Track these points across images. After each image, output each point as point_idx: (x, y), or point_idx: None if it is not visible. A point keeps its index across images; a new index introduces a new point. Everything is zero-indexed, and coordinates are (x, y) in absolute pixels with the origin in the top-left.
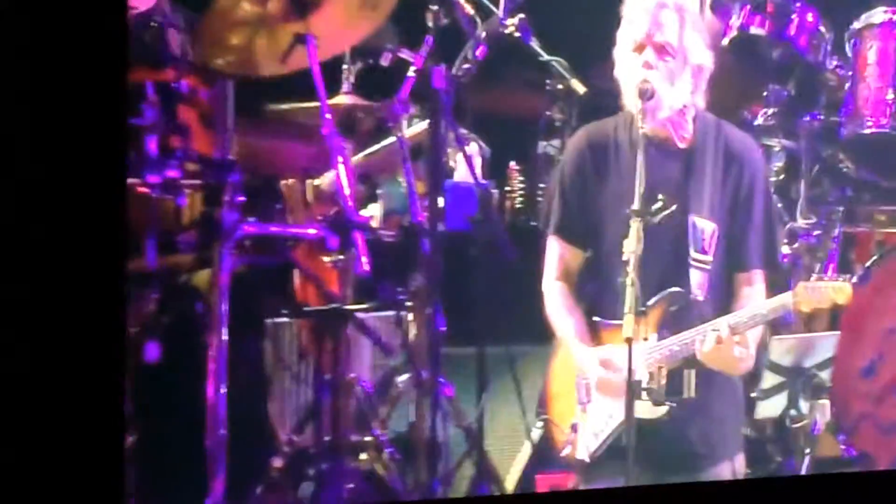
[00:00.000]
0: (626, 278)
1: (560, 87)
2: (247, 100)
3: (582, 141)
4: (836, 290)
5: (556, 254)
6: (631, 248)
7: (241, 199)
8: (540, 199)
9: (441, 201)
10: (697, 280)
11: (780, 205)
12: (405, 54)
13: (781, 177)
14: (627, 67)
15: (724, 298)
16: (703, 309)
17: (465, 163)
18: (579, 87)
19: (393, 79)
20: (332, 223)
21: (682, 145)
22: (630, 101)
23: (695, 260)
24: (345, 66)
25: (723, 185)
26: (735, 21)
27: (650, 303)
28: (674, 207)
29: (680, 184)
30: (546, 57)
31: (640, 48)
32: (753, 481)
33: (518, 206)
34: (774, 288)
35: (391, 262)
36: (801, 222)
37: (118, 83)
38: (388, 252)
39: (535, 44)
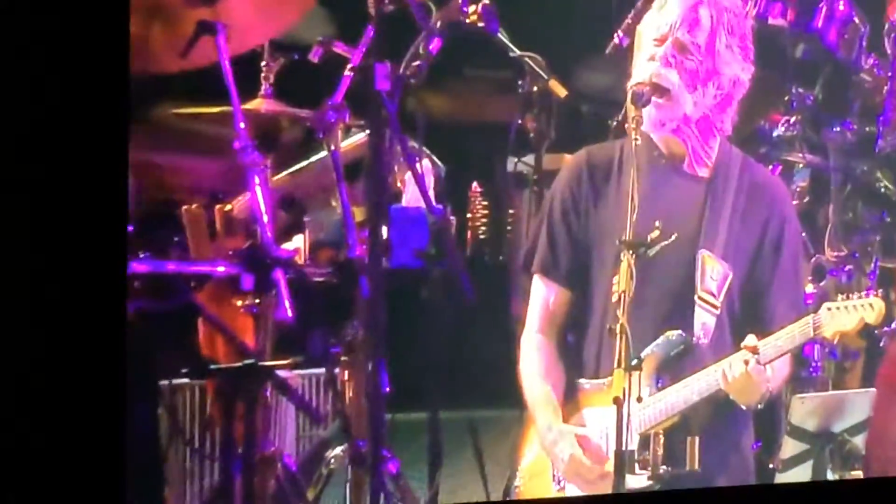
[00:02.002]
0: (615, 325)
1: (535, 89)
2: (139, 103)
3: (580, 162)
4: (864, 307)
5: (540, 297)
6: (621, 286)
7: (129, 228)
8: (509, 228)
9: (385, 231)
10: (703, 321)
11: (803, 234)
12: (340, 48)
13: (805, 199)
14: (643, 58)
15: (733, 351)
16: (706, 356)
17: (416, 183)
18: (559, 90)
19: (324, 79)
20: (247, 259)
21: (700, 172)
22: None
23: (701, 299)
24: (263, 63)
25: (743, 226)
26: (750, 9)
27: (645, 353)
28: (673, 238)
29: (693, 215)
30: (517, 52)
31: (661, 40)
32: (756, 488)
33: (481, 236)
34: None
35: (321, 306)
36: (829, 255)
37: (120, 83)
38: (318, 294)
39: (503, 35)
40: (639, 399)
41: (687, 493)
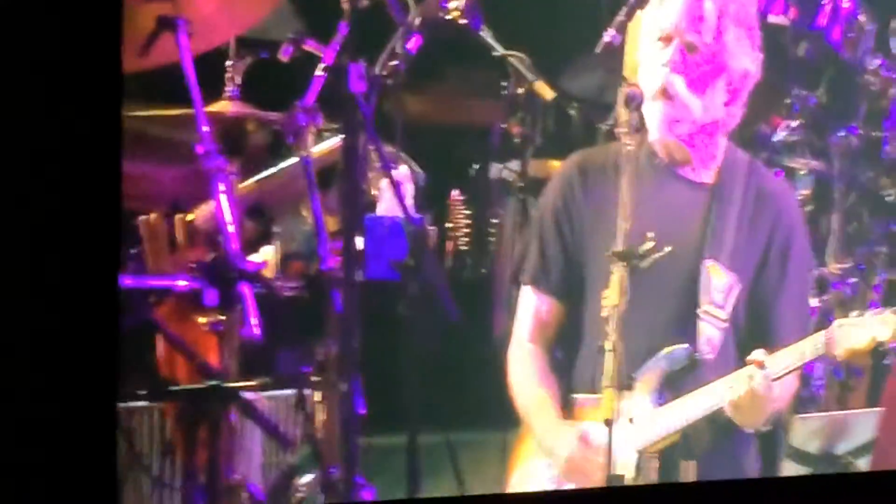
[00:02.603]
0: (605, 342)
1: (520, 91)
2: None
3: (572, 168)
4: (878, 324)
5: (530, 308)
6: (612, 301)
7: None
8: (492, 238)
9: (359, 242)
10: (707, 336)
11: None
12: (311, 46)
13: (808, 208)
14: (646, 58)
15: (739, 366)
16: (712, 373)
17: (393, 191)
18: (546, 92)
19: (295, 79)
20: (210, 272)
21: (704, 177)
22: (653, 104)
23: (705, 312)
24: (229, 63)
25: (749, 235)
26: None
27: (646, 367)
28: (667, 250)
29: (697, 223)
30: (502, 51)
31: (666, 39)
32: (754, 481)
33: (462, 247)
34: None
35: (291, 323)
36: (832, 267)
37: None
38: (288, 310)
39: (486, 33)
40: (630, 420)
41: (687, 485)
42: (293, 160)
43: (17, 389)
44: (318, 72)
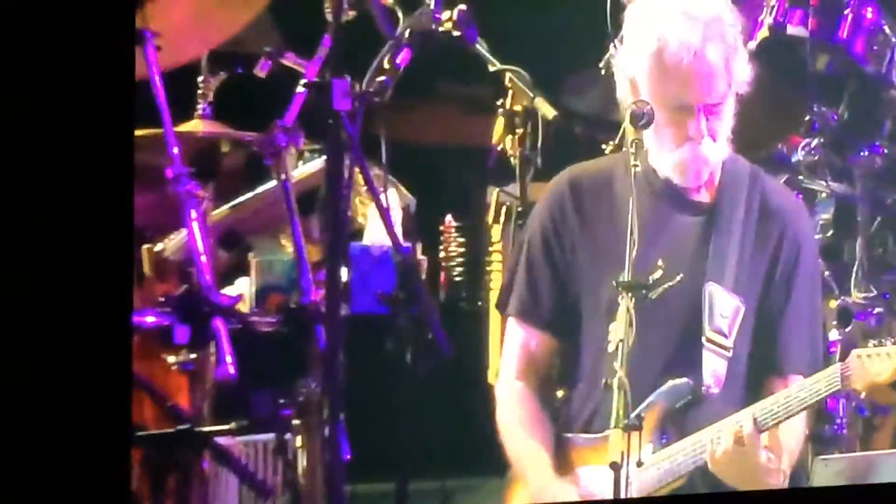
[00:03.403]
0: (612, 378)
1: (518, 108)
2: None
3: (562, 185)
4: None
5: (518, 343)
6: (619, 334)
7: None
8: (489, 268)
9: (344, 273)
10: (713, 367)
11: (827, 272)
12: (291, 61)
13: (829, 233)
14: (656, 131)
15: (751, 398)
16: (718, 408)
17: (380, 217)
18: (547, 110)
19: (273, 97)
20: (181, 307)
21: (704, 197)
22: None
23: (710, 341)
24: (201, 79)
25: (755, 252)
26: (766, 16)
27: (647, 403)
28: (679, 278)
29: (697, 245)
30: (499, 66)
31: (681, 112)
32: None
33: (456, 278)
34: None
35: (270, 361)
36: (856, 296)
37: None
38: (266, 347)
39: (482, 46)
40: (639, 463)
41: (689, 498)
42: (271, 184)
43: (18, 391)
44: (299, 88)
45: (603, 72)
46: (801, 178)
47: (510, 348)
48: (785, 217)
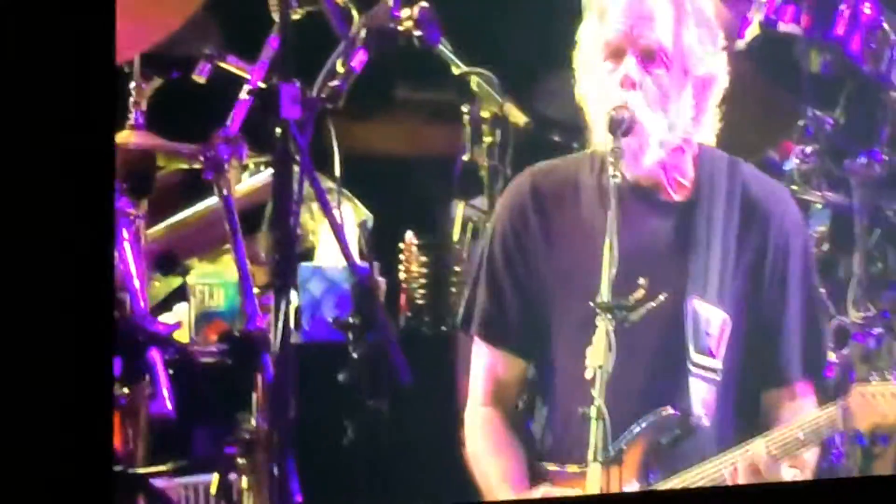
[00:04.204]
0: (589, 408)
1: (485, 115)
2: None
3: (524, 188)
4: None
5: (484, 365)
6: (598, 360)
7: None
8: (454, 290)
9: (294, 297)
10: (701, 395)
11: (822, 290)
12: (234, 64)
13: (825, 247)
14: (597, 85)
15: (744, 425)
16: (710, 441)
17: (333, 235)
18: (517, 116)
19: (213, 104)
20: (113, 337)
21: (676, 197)
22: (600, 135)
23: (696, 365)
24: (132, 85)
25: (739, 255)
26: (756, 13)
27: (628, 438)
28: (662, 298)
29: (673, 254)
30: (464, 68)
31: (616, 55)
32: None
33: (418, 300)
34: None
35: (212, 395)
36: (853, 315)
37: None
38: (208, 379)
39: (446, 48)
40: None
41: (689, 498)
42: (212, 200)
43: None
44: (243, 95)
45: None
46: (793, 187)
47: (476, 371)
48: (768, 206)
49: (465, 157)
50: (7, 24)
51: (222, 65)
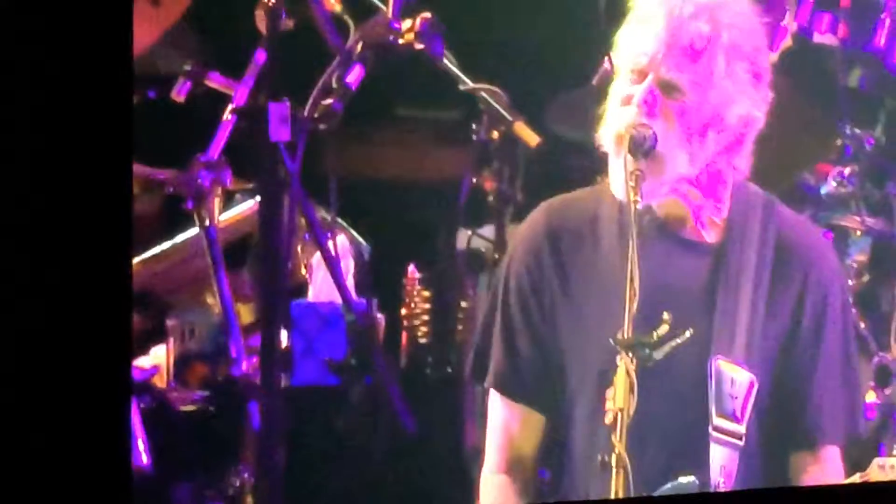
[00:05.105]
0: (609, 455)
1: (495, 135)
2: None
3: (538, 227)
4: None
5: (500, 423)
6: (618, 402)
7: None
8: (460, 327)
9: (284, 337)
10: (721, 461)
11: (862, 325)
12: (216, 82)
13: (864, 278)
14: (613, 105)
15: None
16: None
17: (328, 269)
18: (529, 136)
19: (194, 126)
20: None
21: (707, 237)
22: (618, 161)
23: (718, 430)
24: None
25: (770, 309)
26: (790, 22)
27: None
28: (688, 334)
29: (699, 301)
30: (471, 84)
31: (640, 74)
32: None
33: (421, 340)
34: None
35: (193, 446)
36: None
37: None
38: (188, 429)
39: (451, 62)
40: None
41: (689, 498)
42: (193, 232)
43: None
44: (227, 115)
45: (596, 88)
46: (830, 213)
47: (492, 432)
48: (806, 256)
49: (472, 182)
50: None
51: (204, 82)
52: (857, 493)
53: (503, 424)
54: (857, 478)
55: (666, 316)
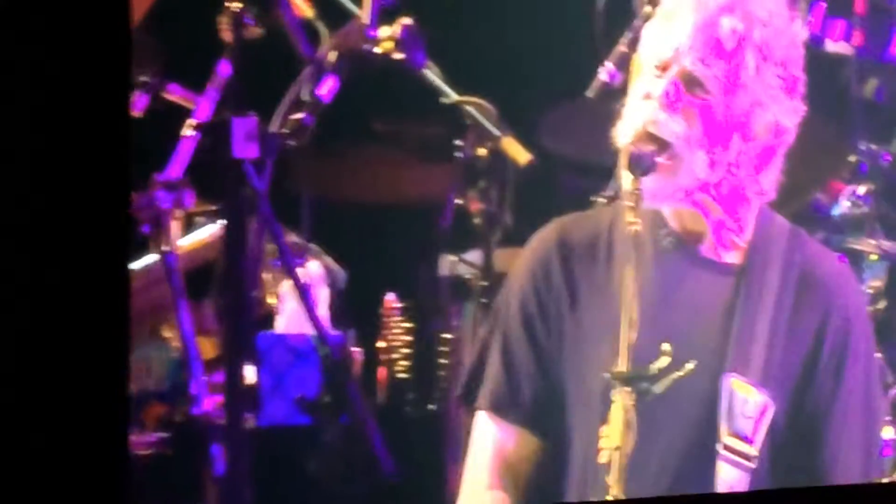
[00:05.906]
0: (603, 496)
1: (482, 152)
2: None
3: (549, 244)
4: None
5: (492, 443)
6: (614, 441)
7: None
8: (443, 360)
9: (250, 373)
10: (730, 481)
11: (879, 354)
12: (176, 94)
13: (881, 305)
14: (634, 100)
15: None
16: None
17: (299, 298)
18: (518, 153)
19: (151, 142)
20: None
21: (727, 258)
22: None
23: (729, 449)
24: None
25: (791, 333)
26: (801, 28)
27: None
28: (691, 367)
29: (714, 321)
30: (455, 97)
31: (662, 68)
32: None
33: (400, 374)
34: None
35: (150, 492)
36: None
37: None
38: (145, 474)
39: (433, 72)
40: None
41: (689, 498)
42: (150, 258)
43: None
44: (187, 131)
45: (593, 101)
46: (843, 235)
47: (480, 450)
48: (831, 289)
49: (456, 203)
50: None
51: (162, 95)
52: (863, 493)
53: (496, 446)
54: None
55: (665, 347)
